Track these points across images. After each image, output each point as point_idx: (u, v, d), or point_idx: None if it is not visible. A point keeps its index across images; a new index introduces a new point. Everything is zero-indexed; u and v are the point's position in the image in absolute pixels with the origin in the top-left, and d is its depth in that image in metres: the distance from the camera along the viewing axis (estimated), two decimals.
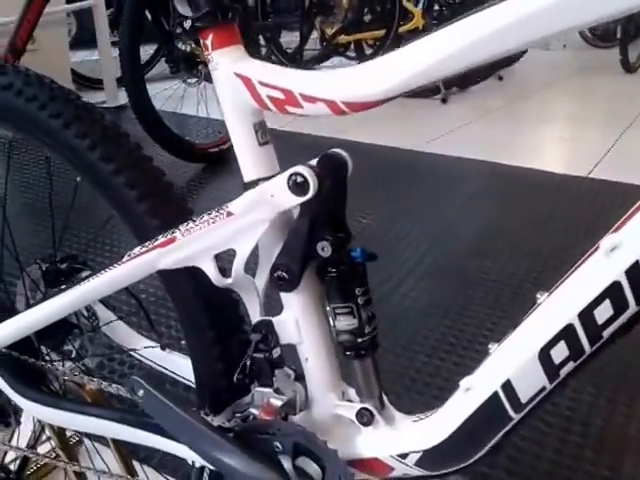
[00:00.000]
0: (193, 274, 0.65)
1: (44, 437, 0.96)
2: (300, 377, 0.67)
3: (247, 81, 0.58)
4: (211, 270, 0.63)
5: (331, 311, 0.62)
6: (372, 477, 0.64)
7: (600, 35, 5.80)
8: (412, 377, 1.36)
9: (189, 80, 2.58)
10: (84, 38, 4.28)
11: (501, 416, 0.55)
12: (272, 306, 0.66)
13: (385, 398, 0.65)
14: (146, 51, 3.71)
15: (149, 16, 2.74)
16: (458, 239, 1.97)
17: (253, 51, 3.02)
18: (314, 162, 0.59)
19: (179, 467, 1.03)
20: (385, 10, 4.05)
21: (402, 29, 3.99)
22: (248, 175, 0.62)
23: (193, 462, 0.72)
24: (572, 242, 1.87)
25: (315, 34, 4.20)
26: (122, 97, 3.63)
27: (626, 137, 3.03)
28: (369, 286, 0.62)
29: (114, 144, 0.69)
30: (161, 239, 0.64)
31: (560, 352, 0.51)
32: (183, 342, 0.73)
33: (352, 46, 4.23)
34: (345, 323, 0.61)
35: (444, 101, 3.89)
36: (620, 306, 0.47)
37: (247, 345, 0.65)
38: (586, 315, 0.49)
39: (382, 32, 3.98)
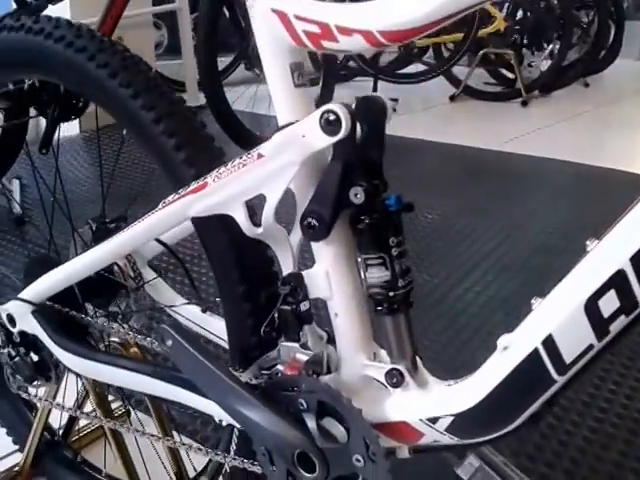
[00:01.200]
0: (225, 223, 0.63)
1: (88, 408, 0.96)
2: (332, 340, 0.64)
3: (283, 16, 0.56)
4: (242, 218, 0.61)
5: (362, 262, 0.58)
6: (400, 444, 0.60)
7: None
8: (471, 371, 1.29)
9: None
10: (173, 47, 4.43)
11: (542, 378, 0.50)
12: (306, 261, 0.63)
13: (419, 361, 0.61)
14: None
15: (227, 13, 2.80)
16: (529, 237, 1.88)
17: None
18: (352, 105, 0.56)
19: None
20: None
21: (482, 32, 3.89)
22: (283, 118, 0.59)
23: (220, 420, 0.70)
24: None
25: None
26: (202, 98, 3.74)
27: None
28: (404, 237, 0.58)
29: (156, 94, 0.69)
30: (193, 185, 0.62)
31: (609, 303, 0.45)
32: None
33: (430, 49, 4.18)
34: (377, 275, 0.57)
35: (524, 104, 3.76)
36: None
37: (270, 300, 0.63)
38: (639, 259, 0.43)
39: (461, 35, 3.89)
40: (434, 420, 0.56)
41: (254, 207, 0.62)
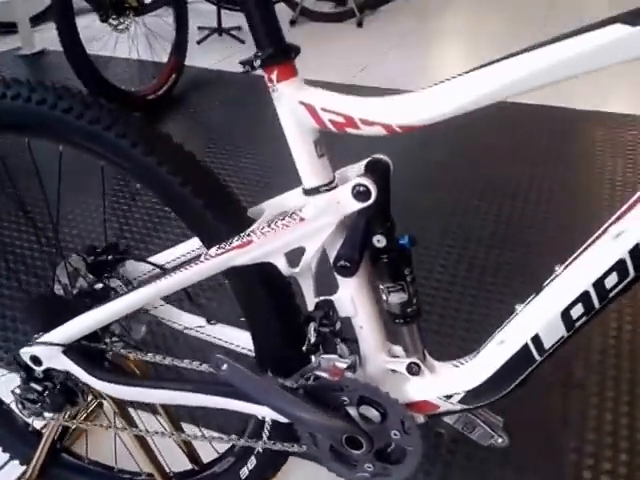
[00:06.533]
0: (263, 268, 0.76)
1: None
2: (350, 341, 0.81)
3: (310, 108, 0.68)
4: (282, 264, 0.75)
5: (385, 289, 0.75)
6: (419, 415, 0.80)
7: None
8: None
9: (119, 27, 2.52)
10: None
11: (528, 360, 0.72)
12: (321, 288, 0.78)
13: (426, 352, 0.81)
14: None
15: None
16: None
17: None
18: (362, 164, 0.72)
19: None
20: None
21: None
22: (308, 182, 0.73)
23: (263, 417, 0.86)
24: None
25: None
26: (38, 42, 3.43)
27: None
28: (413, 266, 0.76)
29: (183, 162, 0.78)
30: (237, 242, 0.74)
31: (577, 311, 0.67)
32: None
33: None
34: (397, 298, 0.75)
35: (360, 25, 3.97)
36: (624, 275, 0.64)
37: (307, 322, 0.78)
38: (599, 284, 0.65)
39: None
40: (449, 396, 0.77)
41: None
